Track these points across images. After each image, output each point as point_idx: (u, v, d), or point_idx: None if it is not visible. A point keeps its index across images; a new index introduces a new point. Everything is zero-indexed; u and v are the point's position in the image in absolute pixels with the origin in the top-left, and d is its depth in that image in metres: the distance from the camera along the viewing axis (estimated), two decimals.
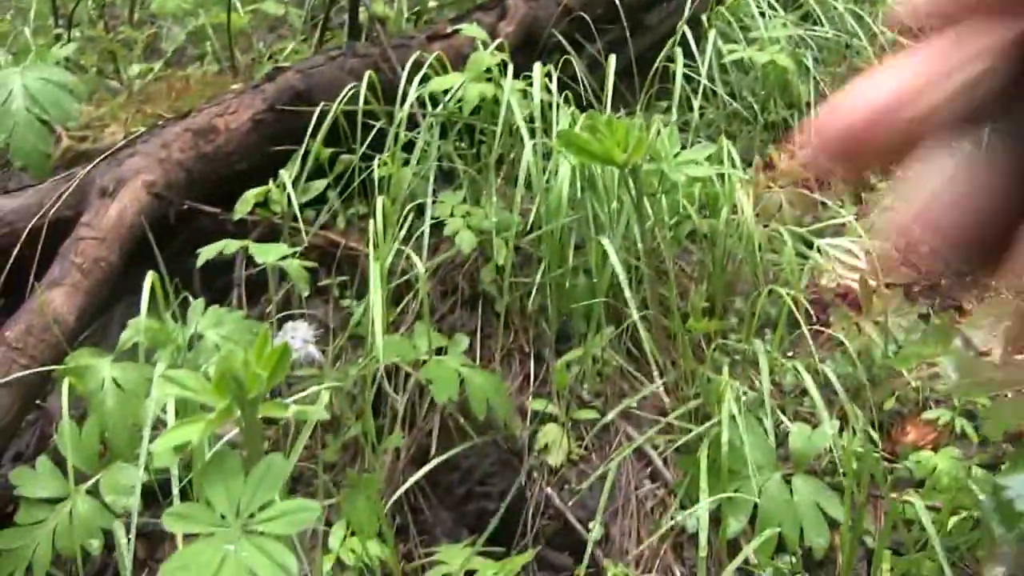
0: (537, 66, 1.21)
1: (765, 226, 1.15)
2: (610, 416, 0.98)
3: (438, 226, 1.20)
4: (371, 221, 1.02)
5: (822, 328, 1.13)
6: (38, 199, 1.23)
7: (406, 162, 1.23)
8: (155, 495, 0.92)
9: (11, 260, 1.17)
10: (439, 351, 1.00)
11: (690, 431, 0.94)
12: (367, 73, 1.28)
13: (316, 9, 1.95)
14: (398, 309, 1.15)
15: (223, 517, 0.55)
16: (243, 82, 1.54)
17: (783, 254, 1.16)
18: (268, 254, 1.00)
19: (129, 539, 0.76)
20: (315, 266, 1.16)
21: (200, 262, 1.02)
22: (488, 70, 1.23)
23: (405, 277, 1.15)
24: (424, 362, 0.97)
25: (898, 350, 1.06)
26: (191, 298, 1.04)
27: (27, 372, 0.98)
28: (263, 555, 0.54)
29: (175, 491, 0.74)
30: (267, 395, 0.60)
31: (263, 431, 0.83)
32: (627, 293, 0.94)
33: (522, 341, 1.13)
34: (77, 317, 1.06)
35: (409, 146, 1.27)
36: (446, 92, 1.23)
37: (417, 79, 1.24)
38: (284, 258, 1.01)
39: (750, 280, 1.12)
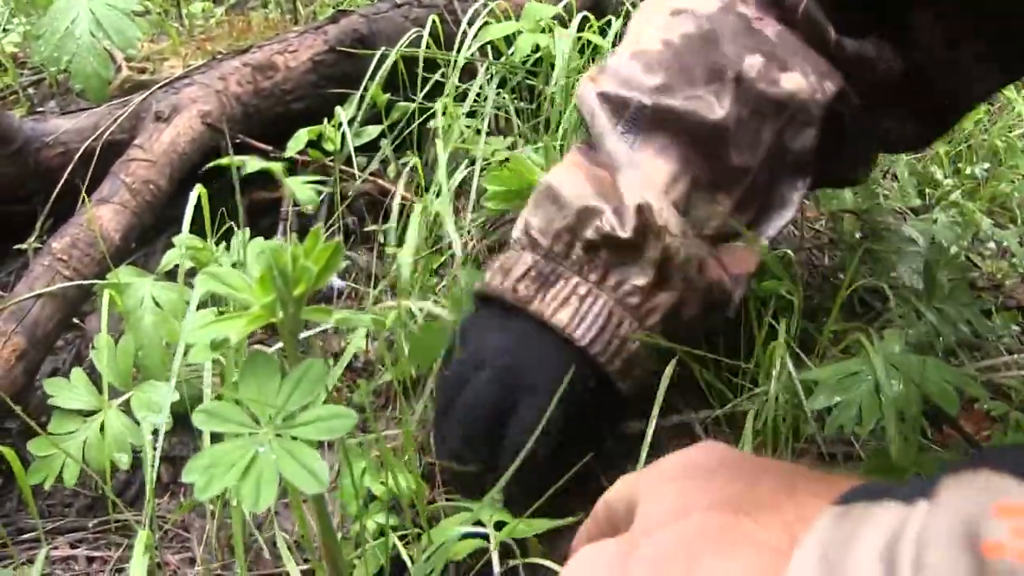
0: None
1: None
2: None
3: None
4: (417, 161, 1.00)
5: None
6: (93, 122, 1.23)
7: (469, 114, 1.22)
8: (185, 419, 0.91)
9: (62, 181, 1.18)
10: None
11: (736, 401, 0.91)
12: (431, 18, 1.26)
13: None
14: (442, 259, 1.13)
15: (256, 419, 0.54)
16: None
17: (840, 235, 1.12)
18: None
19: (156, 447, 0.74)
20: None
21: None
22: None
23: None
24: None
25: (958, 341, 1.02)
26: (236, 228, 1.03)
27: (69, 284, 0.98)
28: (293, 459, 0.52)
29: (206, 391, 0.73)
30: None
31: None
32: None
33: None
34: (122, 236, 1.05)
35: (466, 99, 1.26)
36: (508, 44, 1.22)
37: (477, 24, 1.23)
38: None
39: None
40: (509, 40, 1.29)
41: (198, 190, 0.89)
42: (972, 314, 1.03)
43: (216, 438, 0.55)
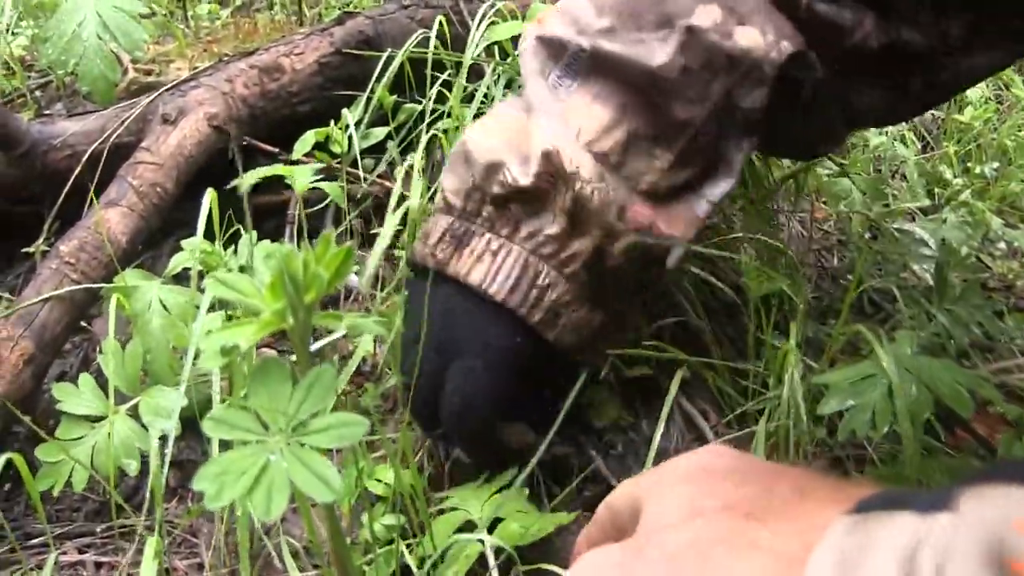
0: None
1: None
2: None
3: None
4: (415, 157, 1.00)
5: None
6: (100, 124, 1.23)
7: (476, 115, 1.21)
8: (193, 424, 0.90)
9: (70, 183, 1.17)
10: None
11: (745, 402, 0.90)
12: (437, 19, 1.26)
13: None
14: None
15: (266, 426, 0.53)
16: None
17: (849, 235, 1.12)
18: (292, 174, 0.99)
19: (164, 452, 0.74)
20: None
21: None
22: None
23: None
24: None
25: (970, 343, 1.01)
26: (243, 231, 1.03)
27: (77, 287, 0.97)
28: (305, 467, 0.51)
29: (215, 398, 0.73)
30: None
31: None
32: None
33: None
34: (129, 239, 1.05)
35: (473, 100, 1.25)
36: (515, 44, 1.21)
37: (484, 25, 1.23)
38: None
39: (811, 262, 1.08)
40: (515, 41, 1.28)
41: (210, 194, 0.89)
42: (984, 316, 1.02)
43: (225, 444, 0.55)
